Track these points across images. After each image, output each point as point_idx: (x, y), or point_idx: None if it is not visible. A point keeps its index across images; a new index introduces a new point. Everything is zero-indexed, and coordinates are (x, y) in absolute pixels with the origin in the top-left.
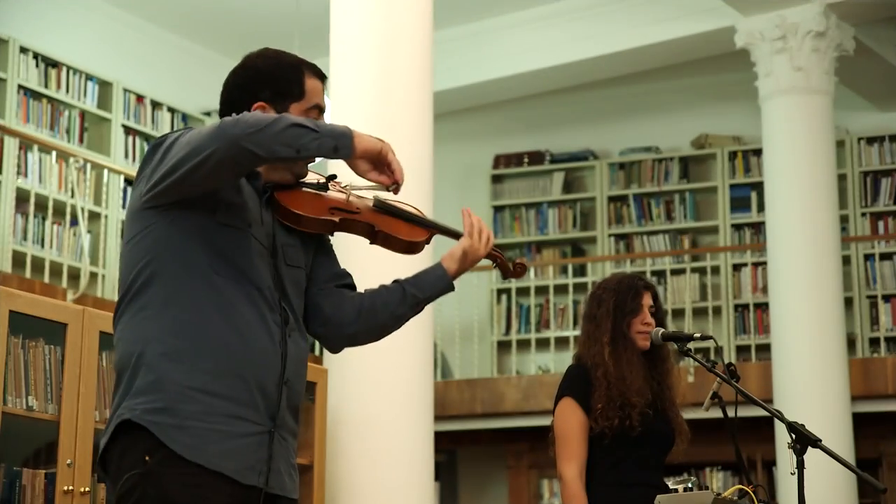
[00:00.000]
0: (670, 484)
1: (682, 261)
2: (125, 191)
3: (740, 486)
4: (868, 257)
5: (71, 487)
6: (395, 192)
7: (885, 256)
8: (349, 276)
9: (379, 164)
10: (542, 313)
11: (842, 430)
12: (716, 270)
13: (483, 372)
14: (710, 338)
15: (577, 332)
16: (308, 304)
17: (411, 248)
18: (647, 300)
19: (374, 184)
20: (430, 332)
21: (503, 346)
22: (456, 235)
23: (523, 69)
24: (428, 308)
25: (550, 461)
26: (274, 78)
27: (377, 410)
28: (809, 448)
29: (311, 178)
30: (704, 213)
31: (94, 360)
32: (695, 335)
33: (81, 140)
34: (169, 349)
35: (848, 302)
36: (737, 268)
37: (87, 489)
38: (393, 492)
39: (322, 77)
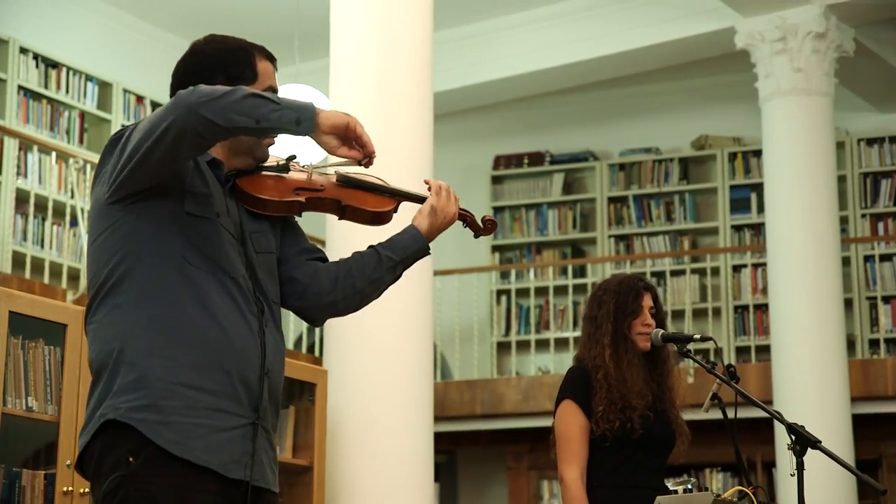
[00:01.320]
0: (670, 485)
1: (682, 262)
2: None
3: (740, 488)
4: (868, 258)
5: (71, 488)
6: (367, 165)
7: (884, 258)
8: (320, 250)
9: (347, 139)
10: (542, 314)
11: (842, 431)
12: (715, 272)
13: (483, 373)
14: (710, 339)
15: (578, 334)
16: (282, 281)
17: (379, 218)
18: (648, 301)
19: (346, 160)
20: (430, 333)
21: (503, 347)
22: (423, 200)
23: (523, 70)
24: (427, 308)
25: (550, 462)
26: (224, 63)
27: (377, 412)
28: (809, 449)
29: (271, 161)
30: (704, 214)
31: None
32: (695, 336)
33: (81, 141)
34: (149, 345)
35: (847, 303)
36: (736, 269)
37: (86, 490)
38: (393, 493)
39: (272, 59)
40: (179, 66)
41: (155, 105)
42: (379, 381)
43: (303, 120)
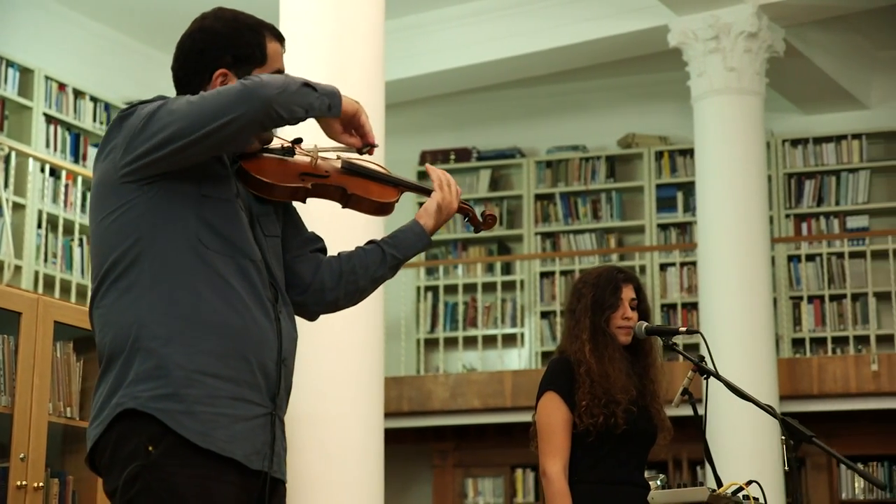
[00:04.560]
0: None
1: (609, 260)
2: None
3: (735, 483)
4: (791, 258)
5: (24, 482)
6: (369, 153)
7: (808, 258)
8: (321, 239)
9: (349, 125)
10: (468, 311)
11: (771, 430)
12: (642, 270)
13: (409, 370)
14: (697, 332)
15: (506, 330)
16: (286, 271)
17: (383, 209)
18: (628, 293)
19: (344, 147)
20: (381, 328)
21: (430, 344)
22: (426, 192)
23: (451, 65)
24: (378, 303)
25: (476, 460)
26: (234, 42)
27: (329, 406)
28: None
29: (275, 143)
30: (631, 212)
31: (49, 351)
32: (680, 329)
33: (1, 128)
34: (167, 331)
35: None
36: (663, 267)
37: (40, 484)
38: (344, 487)
39: (281, 39)
40: (186, 43)
41: (77, 93)
42: (330, 375)
43: (333, 106)
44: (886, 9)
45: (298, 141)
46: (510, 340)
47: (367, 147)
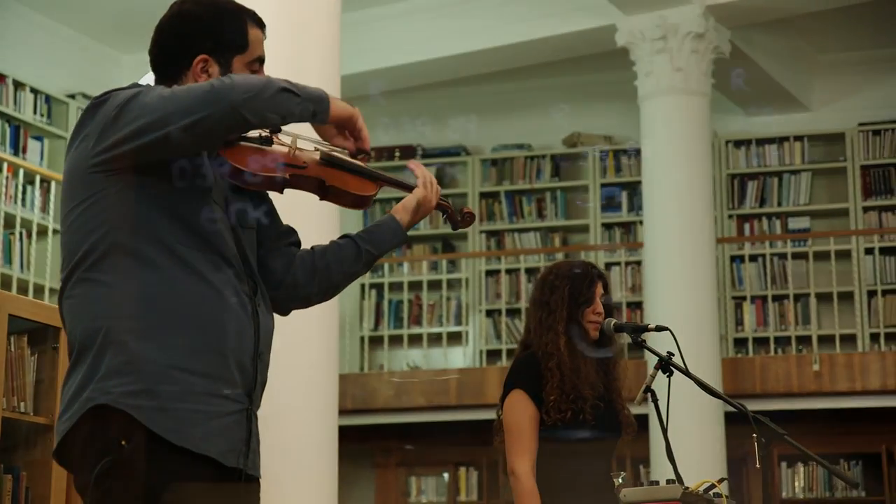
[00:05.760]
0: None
1: (554, 259)
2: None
3: (707, 480)
4: (734, 259)
5: None
6: (363, 160)
7: (751, 258)
8: (295, 232)
9: (344, 129)
10: (413, 309)
11: (714, 429)
12: None
13: (353, 367)
14: (666, 329)
15: (451, 328)
16: (259, 266)
17: (361, 202)
18: (599, 290)
19: (324, 141)
20: (336, 324)
21: (374, 342)
22: (405, 187)
23: (397, 62)
24: (334, 300)
25: (419, 458)
26: (215, 28)
27: (282, 402)
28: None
29: (253, 132)
30: (575, 211)
31: (3, 345)
32: (649, 326)
33: None
34: (140, 325)
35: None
36: (608, 266)
37: None
38: (298, 485)
39: (262, 25)
40: (164, 27)
41: (18, 85)
42: (284, 370)
43: (318, 112)
44: (827, 13)
45: (277, 131)
46: (455, 338)
47: (361, 154)
